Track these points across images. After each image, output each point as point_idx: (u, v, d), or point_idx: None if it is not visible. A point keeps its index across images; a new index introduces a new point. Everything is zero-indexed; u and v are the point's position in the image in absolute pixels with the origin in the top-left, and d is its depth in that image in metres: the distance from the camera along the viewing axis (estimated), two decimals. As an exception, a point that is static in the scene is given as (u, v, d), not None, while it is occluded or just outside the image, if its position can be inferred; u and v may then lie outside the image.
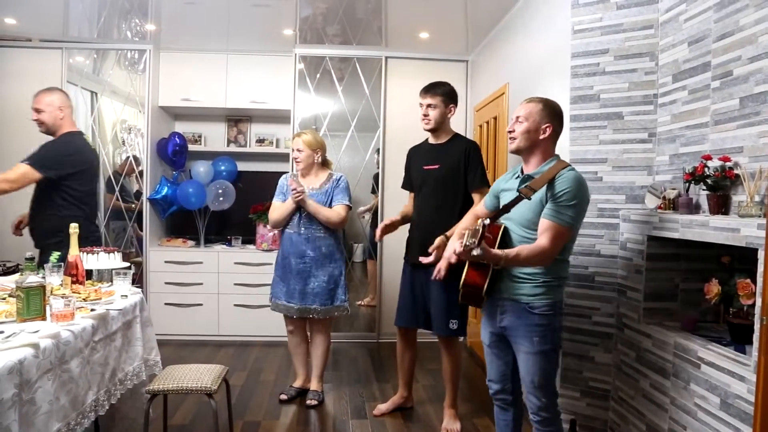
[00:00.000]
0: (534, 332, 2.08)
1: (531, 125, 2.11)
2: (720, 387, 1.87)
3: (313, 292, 3.27)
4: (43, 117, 3.04)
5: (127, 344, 2.46)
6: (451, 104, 3.05)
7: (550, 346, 2.10)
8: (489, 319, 2.24)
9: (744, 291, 1.93)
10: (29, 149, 3.17)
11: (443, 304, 2.95)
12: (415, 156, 3.21)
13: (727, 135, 2.12)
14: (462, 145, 3.02)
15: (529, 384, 2.13)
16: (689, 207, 2.24)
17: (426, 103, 3.01)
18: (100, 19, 4.24)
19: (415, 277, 3.09)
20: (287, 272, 3.31)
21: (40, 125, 3.08)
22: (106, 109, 4.83)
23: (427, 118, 3.02)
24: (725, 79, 2.14)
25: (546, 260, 2.02)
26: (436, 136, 3.09)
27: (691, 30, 2.36)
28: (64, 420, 1.86)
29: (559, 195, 2.00)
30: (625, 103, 2.69)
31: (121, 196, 4.77)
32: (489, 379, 2.33)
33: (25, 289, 1.96)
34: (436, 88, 3.02)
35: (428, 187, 3.04)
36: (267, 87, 4.83)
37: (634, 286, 2.49)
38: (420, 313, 3.09)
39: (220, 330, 4.68)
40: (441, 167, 3.01)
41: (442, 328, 2.99)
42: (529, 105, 2.14)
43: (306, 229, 3.28)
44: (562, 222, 2.00)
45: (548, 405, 2.13)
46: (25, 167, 2.90)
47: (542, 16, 3.28)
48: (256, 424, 3.08)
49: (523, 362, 2.13)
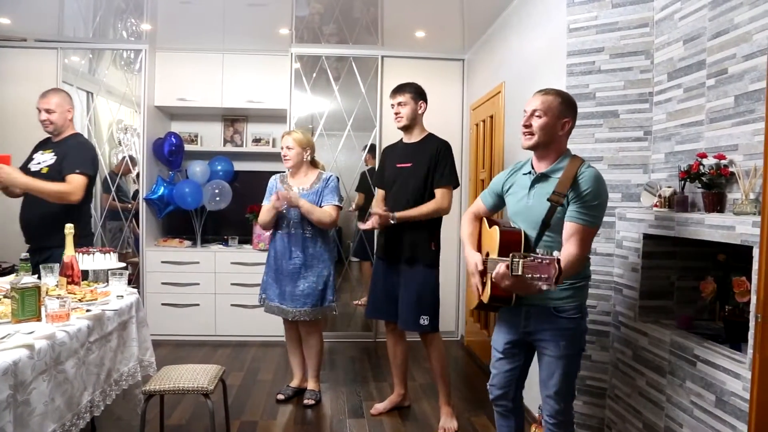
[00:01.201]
0: (561, 336, 2.01)
1: (551, 120, 1.99)
2: (716, 384, 1.88)
3: (303, 293, 3.26)
4: (54, 117, 3.08)
5: (122, 345, 2.46)
6: (420, 100, 3.10)
7: (576, 350, 2.05)
8: (509, 326, 2.15)
9: (739, 288, 1.93)
10: (24, 149, 3.17)
11: (412, 299, 2.99)
12: (390, 154, 3.26)
13: (722, 133, 2.12)
14: (434, 145, 3.07)
15: (550, 387, 2.06)
16: (685, 205, 2.24)
17: (396, 101, 3.09)
18: (96, 19, 4.22)
19: (387, 272, 3.15)
20: (279, 273, 3.31)
21: (48, 125, 3.11)
22: (101, 109, 4.82)
23: (398, 116, 3.09)
24: (720, 77, 2.14)
25: (581, 266, 1.96)
26: (409, 134, 3.15)
27: (686, 28, 2.37)
28: (59, 421, 1.85)
29: (584, 195, 1.93)
30: (620, 102, 2.69)
31: (117, 196, 4.76)
32: (491, 384, 2.26)
33: (20, 290, 1.95)
34: (403, 87, 3.11)
35: (400, 184, 3.11)
36: (263, 86, 4.83)
37: (630, 284, 2.50)
38: (391, 305, 3.12)
39: (217, 330, 4.67)
40: (413, 165, 3.07)
41: (409, 323, 3.03)
42: (547, 98, 2.00)
43: (296, 230, 3.28)
44: (588, 224, 1.93)
45: (566, 408, 2.08)
46: (79, 177, 2.99)
47: (538, 14, 3.28)
48: (253, 424, 3.08)
49: (545, 365, 2.07)
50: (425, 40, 4.57)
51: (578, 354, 2.08)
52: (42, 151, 3.14)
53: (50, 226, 2.93)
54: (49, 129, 3.13)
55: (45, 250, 2.96)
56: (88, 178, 3.05)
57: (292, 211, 3.26)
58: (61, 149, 3.08)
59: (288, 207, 3.20)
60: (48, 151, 3.12)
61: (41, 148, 3.18)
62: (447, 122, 4.79)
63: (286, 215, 3.28)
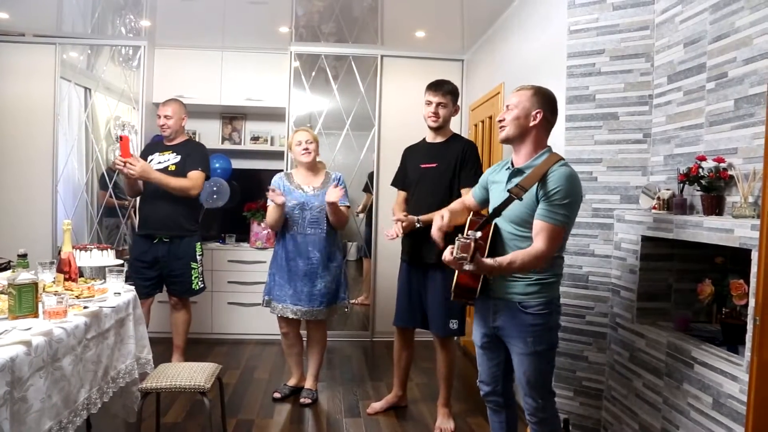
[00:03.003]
0: (528, 332, 2.03)
1: (520, 111, 2.03)
2: (713, 386, 1.88)
3: (320, 293, 3.26)
4: (170, 123, 3.60)
5: (119, 342, 2.45)
6: (456, 104, 3.08)
7: (545, 346, 2.06)
8: (481, 320, 2.19)
9: (737, 291, 1.94)
10: (22, 143, 3.17)
11: (442, 303, 2.93)
12: (412, 154, 3.20)
13: (722, 136, 2.13)
14: (460, 145, 3.02)
15: (525, 385, 2.08)
16: (683, 207, 2.25)
17: (436, 101, 2.99)
18: (94, 15, 4.21)
19: (413, 277, 3.09)
20: (293, 274, 3.27)
21: (166, 129, 3.61)
22: (99, 105, 4.80)
23: (436, 116, 3.00)
24: (720, 80, 2.15)
25: (543, 263, 1.96)
26: (435, 134, 3.09)
27: (687, 31, 2.37)
28: (56, 418, 1.84)
29: (552, 194, 1.94)
30: (620, 104, 2.69)
31: (114, 193, 4.74)
32: (480, 380, 2.28)
33: (17, 287, 1.94)
34: (445, 86, 3.01)
35: (424, 184, 3.04)
36: (262, 84, 4.81)
37: (628, 285, 2.50)
38: (417, 312, 3.08)
39: (214, 328, 4.66)
40: (439, 165, 3.01)
41: (440, 328, 2.99)
42: (519, 92, 2.08)
43: (312, 231, 3.26)
44: (556, 222, 1.94)
45: (545, 406, 2.10)
46: (200, 174, 3.56)
47: (539, 15, 3.29)
48: (250, 423, 3.07)
49: (517, 363, 2.09)
50: (425, 40, 4.57)
51: (549, 350, 2.09)
52: (159, 153, 3.61)
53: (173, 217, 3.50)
54: (166, 132, 3.64)
55: (174, 239, 3.53)
56: (206, 175, 3.60)
57: (307, 212, 3.25)
58: (183, 150, 3.61)
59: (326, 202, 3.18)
60: (167, 152, 3.61)
61: (156, 150, 3.64)
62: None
63: (300, 215, 3.26)
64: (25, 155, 4.56)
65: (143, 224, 3.61)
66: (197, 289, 3.69)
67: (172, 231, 3.54)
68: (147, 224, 3.58)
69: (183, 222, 3.56)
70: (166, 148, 3.64)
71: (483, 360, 2.25)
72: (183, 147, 3.65)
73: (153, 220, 3.54)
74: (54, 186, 4.58)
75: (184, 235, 3.58)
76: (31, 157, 4.56)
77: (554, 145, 2.20)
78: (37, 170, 4.56)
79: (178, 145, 3.65)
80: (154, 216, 3.53)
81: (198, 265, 3.65)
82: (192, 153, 3.61)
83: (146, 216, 3.59)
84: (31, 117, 4.56)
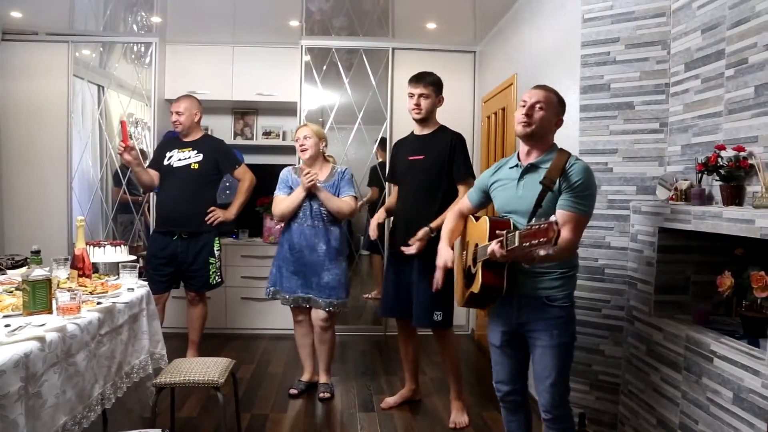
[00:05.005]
0: (554, 324, 2.04)
1: (549, 114, 2.06)
2: (733, 381, 1.84)
3: (329, 285, 3.26)
4: (182, 119, 3.61)
5: (133, 337, 2.46)
6: (440, 95, 3.06)
7: (568, 339, 2.07)
8: (502, 318, 2.16)
9: (758, 284, 1.90)
10: (35, 141, 3.19)
11: (426, 295, 2.93)
12: (401, 147, 3.22)
13: (742, 124, 2.08)
14: (447, 137, 3.02)
15: (544, 379, 2.07)
16: (702, 198, 2.20)
17: (417, 92, 3.01)
18: (106, 12, 4.23)
19: (399, 268, 3.10)
20: (301, 265, 3.28)
21: (178, 125, 3.64)
22: (112, 102, 4.83)
23: (418, 107, 3.02)
24: (740, 67, 2.09)
25: (572, 252, 2.03)
26: (422, 127, 3.10)
27: (705, 17, 2.31)
28: (70, 413, 1.86)
29: (576, 185, 1.97)
30: (636, 93, 2.64)
31: (128, 189, 4.77)
32: (497, 381, 2.26)
33: (31, 283, 1.96)
34: (426, 78, 3.03)
35: (412, 177, 3.06)
36: (273, 79, 4.81)
37: (645, 278, 2.46)
38: (402, 303, 3.09)
39: (228, 323, 4.68)
40: (426, 158, 3.02)
41: (423, 320, 3.00)
42: (548, 95, 2.08)
43: (318, 221, 3.26)
44: (581, 212, 1.98)
45: (561, 402, 2.09)
46: (244, 167, 3.76)
47: (551, 4, 3.23)
48: (264, 417, 3.08)
49: (539, 357, 2.08)
50: (436, 32, 4.53)
51: (571, 343, 2.10)
52: (178, 150, 3.64)
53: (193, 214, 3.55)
54: (178, 129, 3.66)
55: (192, 235, 3.58)
56: (243, 164, 3.78)
57: (315, 203, 3.25)
58: (204, 147, 3.64)
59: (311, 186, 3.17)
60: (187, 149, 3.63)
61: (175, 147, 3.66)
62: (458, 114, 4.73)
63: (308, 207, 3.26)
64: (40, 153, 4.60)
65: (162, 221, 3.63)
66: (214, 284, 3.70)
67: (191, 228, 3.57)
68: (166, 221, 3.60)
69: (201, 218, 3.59)
70: (185, 144, 3.65)
71: (502, 359, 2.23)
72: (202, 143, 3.67)
73: (172, 217, 3.56)
74: (69, 183, 4.62)
75: (203, 231, 3.61)
76: (46, 154, 4.60)
77: (568, 135, 2.18)
78: (52, 168, 4.61)
79: (196, 141, 3.67)
80: (174, 213, 3.56)
81: (216, 260, 3.68)
82: (219, 151, 3.69)
83: (165, 213, 3.61)
84: (46, 115, 4.60)
